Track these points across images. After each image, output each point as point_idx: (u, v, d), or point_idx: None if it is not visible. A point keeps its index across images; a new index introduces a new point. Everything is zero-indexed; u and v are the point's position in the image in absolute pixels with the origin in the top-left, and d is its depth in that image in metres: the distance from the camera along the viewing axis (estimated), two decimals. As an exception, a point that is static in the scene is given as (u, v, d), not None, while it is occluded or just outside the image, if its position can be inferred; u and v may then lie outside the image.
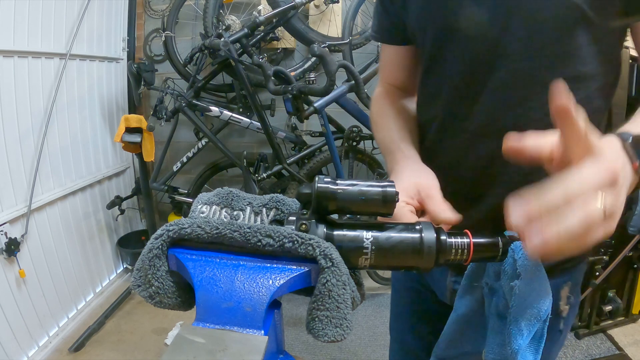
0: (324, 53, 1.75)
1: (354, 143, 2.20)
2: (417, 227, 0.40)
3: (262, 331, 0.32)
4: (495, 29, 0.57)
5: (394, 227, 0.40)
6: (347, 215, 0.41)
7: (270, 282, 0.34)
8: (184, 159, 2.38)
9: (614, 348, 1.96)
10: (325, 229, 0.39)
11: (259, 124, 2.17)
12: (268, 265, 0.36)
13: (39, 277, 1.90)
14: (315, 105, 1.87)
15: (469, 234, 0.41)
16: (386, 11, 0.73)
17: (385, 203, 0.39)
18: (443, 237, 0.40)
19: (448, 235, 0.40)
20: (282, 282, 0.34)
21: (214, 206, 0.43)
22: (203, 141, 2.35)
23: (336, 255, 0.35)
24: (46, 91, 1.95)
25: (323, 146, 2.28)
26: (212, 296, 0.33)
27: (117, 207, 2.44)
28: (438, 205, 0.49)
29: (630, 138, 0.39)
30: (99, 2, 2.28)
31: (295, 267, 0.36)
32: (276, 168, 2.23)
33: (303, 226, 0.38)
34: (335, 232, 0.39)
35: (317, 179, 0.39)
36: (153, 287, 0.37)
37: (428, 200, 0.50)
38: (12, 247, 1.71)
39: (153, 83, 2.35)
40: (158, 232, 0.37)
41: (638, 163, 0.38)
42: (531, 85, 0.58)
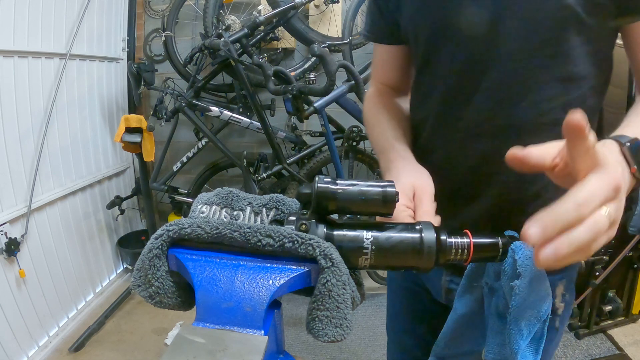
0: (324, 53, 1.75)
1: (354, 143, 2.20)
2: (417, 227, 0.40)
3: (262, 331, 0.32)
4: (489, 30, 0.57)
5: (394, 227, 0.40)
6: (347, 215, 0.41)
7: (270, 282, 0.34)
8: (184, 159, 2.38)
9: (614, 348, 1.96)
10: (325, 229, 0.39)
11: (259, 124, 2.17)
12: (268, 265, 0.36)
13: (39, 277, 1.90)
14: (315, 105, 1.87)
15: (469, 234, 0.41)
16: (380, 11, 0.73)
17: (385, 203, 0.39)
18: (443, 237, 0.40)
19: (448, 235, 0.40)
20: (282, 282, 0.34)
21: (214, 206, 0.43)
22: (203, 141, 2.35)
23: (336, 255, 0.35)
24: (46, 91, 1.95)
25: (323, 146, 2.28)
26: (212, 296, 0.33)
27: (117, 207, 2.44)
28: (422, 208, 0.49)
29: (627, 143, 0.40)
30: (99, 2, 2.28)
31: (295, 267, 0.36)
32: (276, 168, 2.23)
33: (303, 226, 0.38)
34: (335, 232, 0.39)
35: (317, 179, 0.39)
36: (153, 287, 0.37)
37: (418, 202, 0.51)
38: (12, 247, 1.71)
39: (153, 83, 2.35)
40: (158, 232, 0.37)
41: (636, 167, 0.39)
42: (525, 85, 0.59)
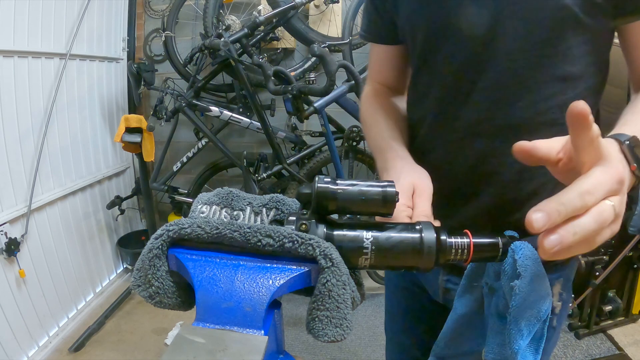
0: (324, 53, 1.75)
1: (354, 143, 2.20)
2: (417, 227, 0.40)
3: (262, 331, 0.32)
4: (488, 29, 0.57)
5: (394, 227, 0.40)
6: (347, 215, 0.41)
7: (270, 282, 0.34)
8: (184, 159, 2.38)
9: (614, 348, 1.96)
10: (325, 229, 0.39)
11: (259, 124, 2.17)
12: (268, 265, 0.36)
13: (39, 277, 1.90)
14: (315, 105, 1.87)
15: (469, 234, 0.41)
16: (376, 10, 0.73)
17: (385, 203, 0.39)
18: (443, 237, 0.40)
19: (448, 235, 0.40)
20: (282, 282, 0.34)
21: (214, 206, 0.43)
22: (203, 141, 2.35)
23: (336, 255, 0.35)
24: (46, 91, 1.95)
25: (323, 146, 2.28)
26: (212, 296, 0.33)
27: (117, 207, 2.45)
28: (419, 208, 0.49)
29: (627, 141, 0.40)
30: (99, 2, 2.28)
31: (295, 267, 0.36)
32: (276, 168, 2.23)
33: (303, 226, 0.38)
34: (335, 232, 0.39)
35: (317, 179, 0.39)
36: (153, 287, 0.37)
37: (415, 202, 0.51)
38: (12, 247, 1.71)
39: (153, 83, 2.35)
40: (158, 232, 0.37)
41: (636, 165, 0.39)
42: (522, 84, 0.59)
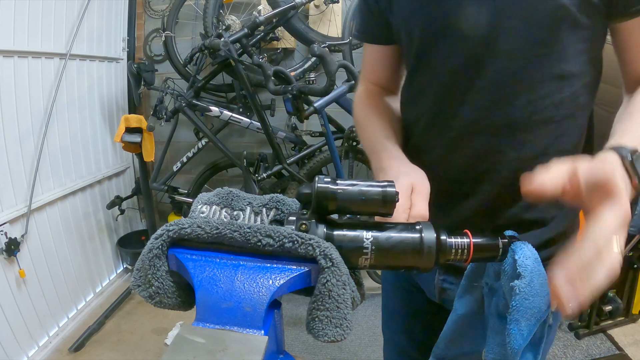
0: (324, 53, 1.75)
1: (354, 143, 2.20)
2: (417, 227, 0.40)
3: (262, 331, 0.32)
4: (487, 29, 0.58)
5: (394, 227, 0.40)
6: (347, 215, 0.41)
7: (270, 282, 0.34)
8: (184, 159, 2.38)
9: (614, 348, 1.96)
10: (325, 229, 0.39)
11: (259, 124, 2.17)
12: (268, 265, 0.36)
13: (39, 277, 1.90)
14: (315, 105, 1.87)
15: (469, 234, 0.41)
16: (370, 10, 0.72)
17: (385, 203, 0.39)
18: (443, 237, 0.40)
19: (448, 235, 0.40)
20: (282, 282, 0.34)
21: (214, 206, 0.43)
22: (203, 141, 2.35)
23: (336, 255, 0.35)
24: (46, 91, 1.95)
25: (323, 146, 2.28)
26: (212, 296, 0.33)
27: (117, 207, 2.44)
28: (415, 209, 0.49)
29: (629, 155, 0.41)
30: (99, 2, 2.28)
31: (295, 267, 0.36)
32: (276, 168, 2.23)
33: (303, 226, 0.38)
34: (335, 232, 0.39)
35: (317, 179, 0.39)
36: (153, 287, 0.37)
37: (412, 202, 0.51)
38: (12, 247, 1.71)
39: (153, 83, 2.35)
40: (158, 232, 0.37)
41: (637, 180, 0.39)
42: (520, 83, 0.59)
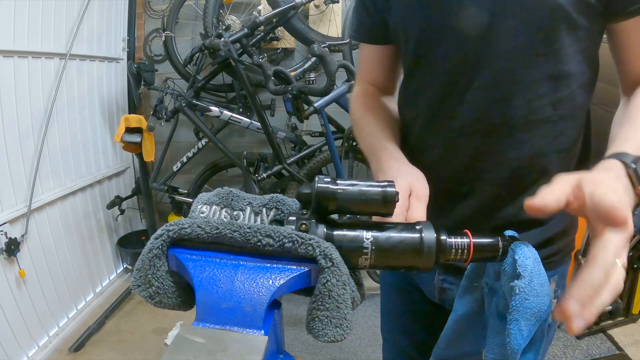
0: (324, 53, 1.75)
1: (354, 143, 2.19)
2: (417, 227, 0.40)
3: (262, 331, 0.32)
4: (485, 29, 0.58)
5: (394, 227, 0.40)
6: (347, 215, 0.41)
7: (270, 282, 0.34)
8: (184, 159, 2.38)
9: (614, 348, 1.96)
10: (325, 229, 0.39)
11: (259, 124, 2.17)
12: (268, 265, 0.36)
13: (39, 277, 1.90)
14: (315, 105, 1.87)
15: (469, 234, 0.41)
16: (367, 10, 0.72)
17: (385, 203, 0.39)
18: (443, 237, 0.40)
19: (448, 235, 0.40)
20: (282, 282, 0.34)
21: (214, 206, 0.43)
22: (203, 141, 2.35)
23: (336, 255, 0.35)
24: (46, 91, 1.95)
25: (323, 146, 2.28)
26: (212, 296, 0.33)
27: (117, 207, 2.45)
28: (412, 214, 0.49)
29: (632, 163, 0.41)
30: (99, 2, 2.28)
31: (295, 267, 0.36)
32: (276, 168, 2.23)
33: (303, 226, 0.38)
34: (335, 232, 0.39)
35: (317, 179, 0.39)
36: (153, 287, 0.37)
37: (410, 206, 0.50)
38: (12, 247, 1.71)
39: (153, 83, 2.35)
40: (158, 232, 0.37)
41: None
42: (517, 83, 0.59)
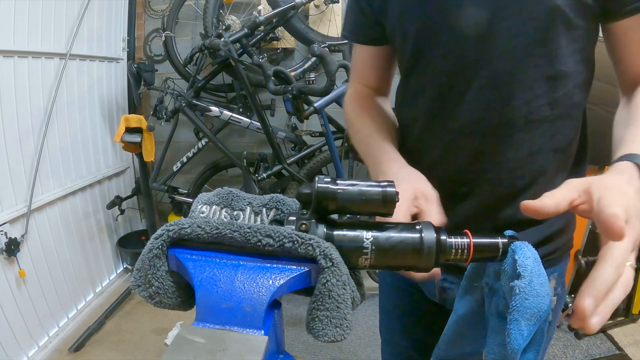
0: (324, 53, 1.75)
1: (354, 143, 2.19)
2: (417, 227, 0.40)
3: (262, 331, 0.32)
4: (483, 29, 0.58)
5: (394, 227, 0.40)
6: (347, 215, 0.41)
7: (270, 282, 0.34)
8: (184, 159, 2.38)
9: (614, 348, 1.96)
10: (325, 229, 0.39)
11: (259, 124, 2.17)
12: (268, 265, 0.36)
13: (39, 277, 1.90)
14: (315, 105, 1.87)
15: (469, 234, 0.41)
16: (362, 11, 0.72)
17: (385, 203, 0.39)
18: (443, 237, 0.40)
19: (448, 235, 0.40)
20: (282, 282, 0.34)
21: (214, 206, 0.43)
22: (203, 141, 2.35)
23: (336, 255, 0.35)
24: (46, 91, 1.95)
25: (323, 146, 2.28)
26: (212, 296, 0.33)
27: (117, 207, 2.44)
28: (431, 217, 0.50)
29: None
30: (99, 2, 2.28)
31: (295, 267, 0.36)
32: (276, 168, 2.23)
33: (303, 226, 0.38)
34: (335, 232, 0.39)
35: (317, 179, 0.39)
36: (153, 287, 0.37)
37: (425, 210, 0.51)
38: (12, 247, 1.71)
39: (153, 83, 2.35)
40: (158, 232, 0.37)
41: None
42: (515, 83, 0.59)
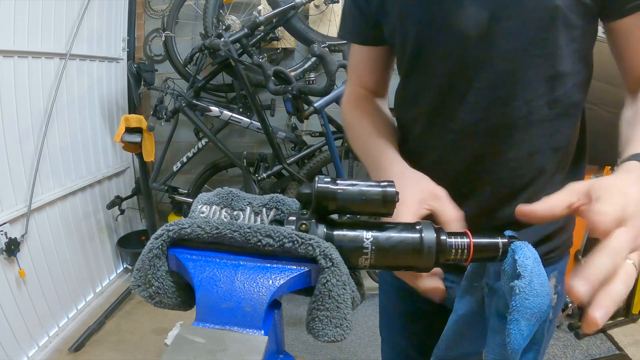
0: (324, 53, 1.75)
1: (354, 143, 2.19)
2: (417, 227, 0.40)
3: (262, 331, 0.32)
4: (483, 29, 0.58)
5: (394, 227, 0.40)
6: (347, 215, 0.41)
7: (270, 282, 0.34)
8: (184, 159, 2.38)
9: (614, 348, 1.96)
10: (325, 229, 0.39)
11: (259, 124, 2.17)
12: (268, 265, 0.36)
13: (39, 277, 1.90)
14: (315, 105, 1.87)
15: (469, 234, 0.41)
16: (360, 12, 0.71)
17: (385, 203, 0.39)
18: (443, 237, 0.40)
19: (448, 235, 0.40)
20: (282, 282, 0.34)
21: (214, 206, 0.43)
22: (203, 141, 2.35)
23: (336, 255, 0.35)
24: (46, 91, 1.95)
25: (323, 146, 2.28)
26: (212, 296, 0.33)
27: (117, 207, 2.45)
28: (449, 215, 0.50)
29: None
30: (99, 2, 2.28)
31: (295, 267, 0.36)
32: (276, 168, 2.23)
33: (303, 226, 0.38)
34: (335, 232, 0.39)
35: (317, 179, 0.39)
36: (153, 287, 0.37)
37: (440, 210, 0.50)
38: (12, 247, 1.71)
39: (153, 83, 2.35)
40: (158, 232, 0.37)
41: None
42: (516, 84, 0.59)
